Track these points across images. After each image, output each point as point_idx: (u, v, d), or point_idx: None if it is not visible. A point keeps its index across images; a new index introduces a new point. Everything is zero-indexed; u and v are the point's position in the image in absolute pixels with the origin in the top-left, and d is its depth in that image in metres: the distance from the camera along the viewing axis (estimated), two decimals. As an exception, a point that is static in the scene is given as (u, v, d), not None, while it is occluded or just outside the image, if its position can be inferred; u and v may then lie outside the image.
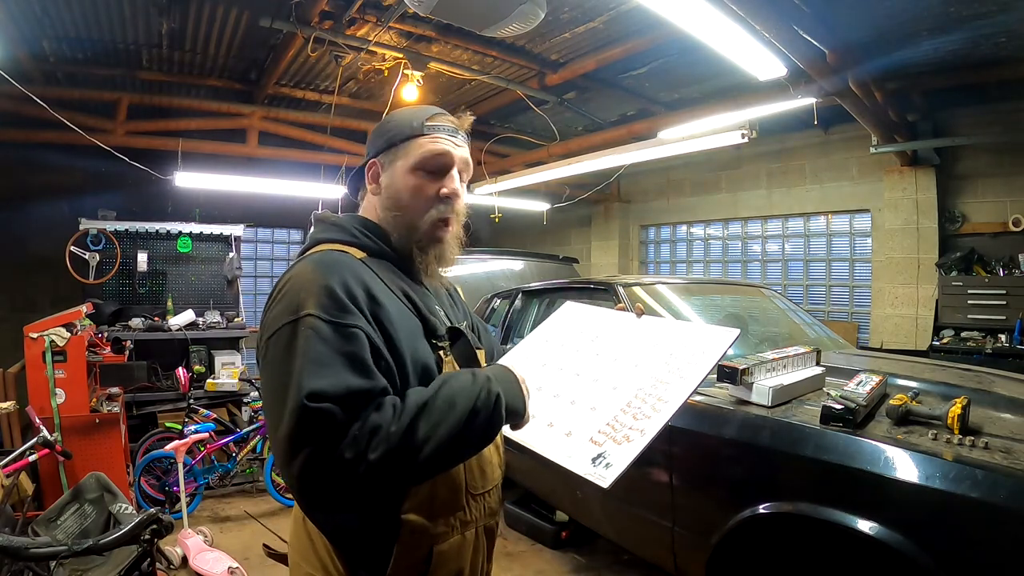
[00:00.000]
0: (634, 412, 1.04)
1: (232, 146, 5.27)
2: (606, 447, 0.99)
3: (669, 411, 1.02)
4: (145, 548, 1.70)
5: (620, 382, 1.14)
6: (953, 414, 1.69)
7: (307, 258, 0.97)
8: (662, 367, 1.14)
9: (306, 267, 0.94)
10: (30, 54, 4.07)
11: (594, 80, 4.70)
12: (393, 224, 1.07)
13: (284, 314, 0.88)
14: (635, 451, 0.96)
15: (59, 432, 3.09)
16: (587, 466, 0.96)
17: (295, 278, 0.93)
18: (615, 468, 0.94)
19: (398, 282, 1.03)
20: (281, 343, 0.86)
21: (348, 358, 0.84)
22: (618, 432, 1.01)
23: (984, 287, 4.47)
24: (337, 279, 0.90)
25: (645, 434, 0.98)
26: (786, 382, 2.07)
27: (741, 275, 6.72)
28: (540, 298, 3.69)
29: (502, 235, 8.31)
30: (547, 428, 1.09)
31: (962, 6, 3.33)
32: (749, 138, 3.48)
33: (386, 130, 1.09)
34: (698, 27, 2.55)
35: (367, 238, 1.05)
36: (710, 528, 1.98)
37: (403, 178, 1.06)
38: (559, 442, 1.04)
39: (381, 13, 3.58)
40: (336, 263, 0.94)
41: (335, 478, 0.80)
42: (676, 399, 1.04)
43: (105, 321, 4.76)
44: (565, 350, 1.32)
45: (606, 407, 1.08)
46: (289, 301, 0.89)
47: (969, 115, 4.70)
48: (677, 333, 1.24)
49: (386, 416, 0.83)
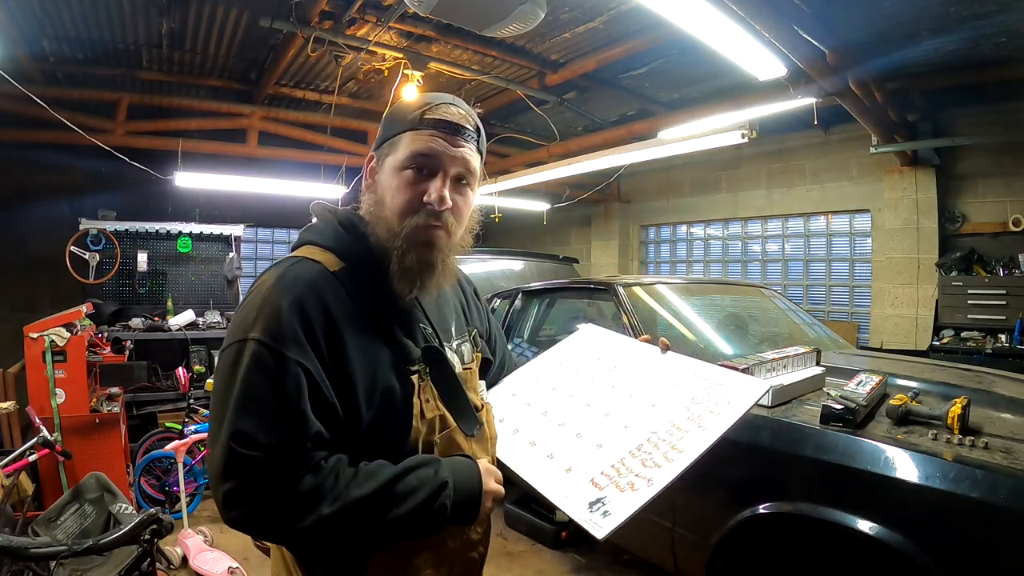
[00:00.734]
0: (643, 457, 0.95)
1: (232, 146, 5.27)
2: (607, 492, 0.89)
3: (683, 463, 0.92)
4: (145, 548, 1.70)
5: (633, 421, 1.04)
6: (953, 414, 1.69)
7: (279, 267, 0.91)
8: (681, 412, 1.03)
9: (268, 280, 0.88)
10: (30, 54, 4.07)
11: (594, 80, 4.70)
12: (374, 226, 0.96)
13: (236, 331, 0.85)
14: (639, 502, 0.86)
15: (59, 432, 3.09)
16: (583, 511, 0.87)
17: (257, 290, 0.88)
18: (613, 518, 0.84)
19: (373, 300, 0.92)
20: (227, 361, 0.84)
21: (284, 399, 0.81)
22: (623, 477, 0.92)
23: (984, 287, 4.47)
24: (293, 302, 0.84)
25: (652, 485, 0.88)
26: (786, 382, 2.07)
27: (741, 275, 6.72)
28: (540, 298, 3.69)
29: (502, 235, 8.31)
30: (546, 459, 1.00)
31: (962, 6, 3.33)
32: (749, 138, 3.48)
33: (388, 121, 0.99)
34: (698, 27, 2.55)
35: (348, 244, 0.96)
36: (710, 528, 1.98)
37: (388, 177, 0.95)
38: (557, 478, 0.96)
39: (381, 13, 3.58)
40: (298, 281, 0.87)
41: (261, 524, 0.81)
42: (692, 450, 0.94)
43: (105, 321, 4.76)
44: (579, 376, 1.22)
45: (614, 447, 0.99)
46: (244, 317, 0.86)
47: (969, 115, 4.70)
48: (703, 377, 1.13)
49: (323, 487, 0.80)
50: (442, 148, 0.92)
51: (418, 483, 0.85)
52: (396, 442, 0.91)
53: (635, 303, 2.77)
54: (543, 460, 1.01)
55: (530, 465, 1.01)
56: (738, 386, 1.08)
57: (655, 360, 1.20)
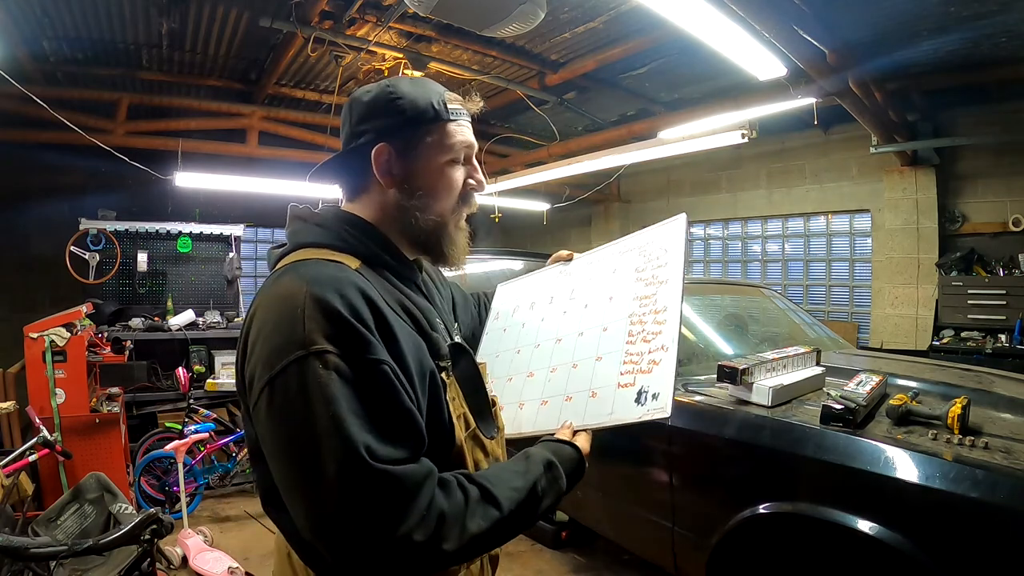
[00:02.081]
0: (643, 336, 0.96)
1: (232, 146, 5.27)
2: (639, 382, 0.91)
3: (674, 316, 0.94)
4: (145, 548, 1.70)
5: (606, 321, 1.06)
6: (953, 414, 1.69)
7: (294, 271, 0.79)
8: (637, 285, 1.05)
9: (297, 285, 0.75)
10: (30, 54, 4.07)
11: (594, 80, 4.70)
12: (415, 222, 0.91)
13: (285, 349, 0.71)
14: (670, 368, 0.88)
15: (59, 432, 3.09)
16: (636, 409, 0.89)
17: (286, 299, 0.75)
18: (664, 395, 0.87)
19: (397, 296, 0.88)
20: (291, 387, 0.70)
21: (386, 407, 0.72)
22: (642, 362, 0.93)
23: (984, 287, 4.47)
24: (343, 300, 0.74)
25: (668, 349, 0.90)
26: (786, 382, 2.07)
27: (741, 275, 6.72)
28: (540, 298, 3.69)
29: (502, 235, 8.32)
30: (566, 403, 1.01)
31: (962, 6, 3.33)
32: (749, 138, 3.48)
33: (396, 107, 0.89)
34: (698, 27, 2.55)
35: (360, 242, 0.89)
36: (710, 528, 1.98)
37: (438, 170, 0.91)
38: (592, 408, 0.96)
39: (381, 13, 3.58)
40: (335, 279, 0.77)
41: (400, 559, 0.68)
42: (672, 303, 0.96)
43: (105, 321, 4.76)
44: (530, 327, 1.23)
45: (611, 350, 1.00)
46: (288, 331, 0.72)
47: (969, 115, 4.70)
48: (627, 250, 1.16)
49: (456, 504, 0.73)
50: (472, 137, 0.95)
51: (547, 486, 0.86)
52: (445, 441, 0.86)
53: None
54: (567, 405, 1.01)
55: (569, 413, 1.00)
56: (663, 234, 1.12)
57: (575, 270, 1.24)
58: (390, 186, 0.90)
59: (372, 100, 0.91)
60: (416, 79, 0.96)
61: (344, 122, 0.95)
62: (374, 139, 0.89)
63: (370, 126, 0.90)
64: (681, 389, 2.31)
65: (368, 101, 0.91)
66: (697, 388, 2.29)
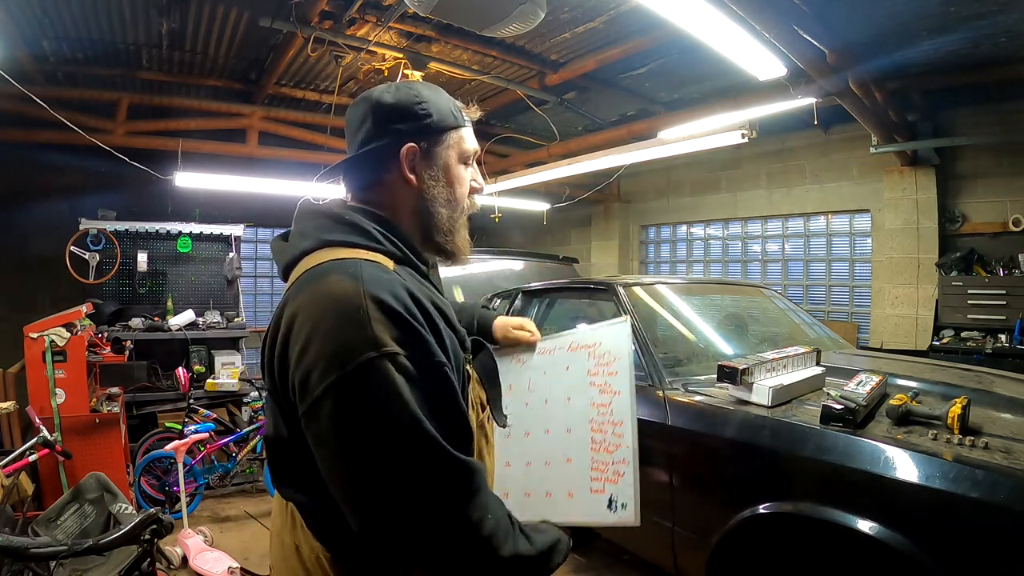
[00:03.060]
0: (605, 447, 1.07)
1: (232, 146, 5.27)
2: (608, 490, 1.03)
3: (630, 430, 1.06)
4: (145, 548, 1.70)
5: (569, 422, 1.15)
6: (953, 414, 1.69)
7: (341, 271, 0.79)
8: (592, 391, 1.15)
9: (350, 285, 0.75)
10: (30, 54, 4.06)
11: (594, 80, 4.69)
12: (434, 220, 0.95)
13: (354, 349, 0.71)
14: (633, 481, 1.00)
15: (59, 432, 3.09)
16: (610, 516, 1.01)
17: (340, 299, 0.74)
18: (631, 505, 0.99)
19: (427, 293, 0.88)
20: (366, 386, 0.71)
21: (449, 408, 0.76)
22: (607, 471, 1.05)
23: (984, 287, 4.47)
24: (401, 303, 0.76)
25: (628, 462, 1.03)
26: (786, 382, 2.07)
27: (741, 275, 6.71)
28: (540, 298, 3.69)
29: (502, 235, 8.31)
30: (547, 499, 1.10)
31: (962, 6, 3.33)
32: (749, 138, 3.48)
33: (421, 111, 0.93)
34: (698, 27, 2.55)
35: (392, 243, 0.89)
36: (710, 528, 1.98)
37: (455, 170, 0.97)
38: (571, 507, 1.07)
39: (381, 13, 3.58)
40: (388, 281, 0.79)
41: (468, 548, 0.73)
42: (627, 416, 1.08)
43: (105, 321, 4.76)
44: None
45: (578, 454, 1.10)
46: (354, 332, 0.72)
47: (969, 115, 4.70)
48: (578, 347, 1.23)
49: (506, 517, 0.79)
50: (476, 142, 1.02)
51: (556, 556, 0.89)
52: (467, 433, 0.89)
53: (635, 303, 2.77)
54: (547, 501, 1.11)
55: (545, 510, 1.08)
56: (610, 336, 1.18)
57: (531, 361, 1.28)
58: (416, 185, 0.94)
59: (398, 103, 0.94)
60: (428, 84, 1.01)
61: (360, 121, 0.95)
62: (400, 140, 0.92)
63: (397, 127, 0.92)
64: (681, 389, 2.31)
65: (394, 103, 0.94)
66: (697, 388, 2.29)
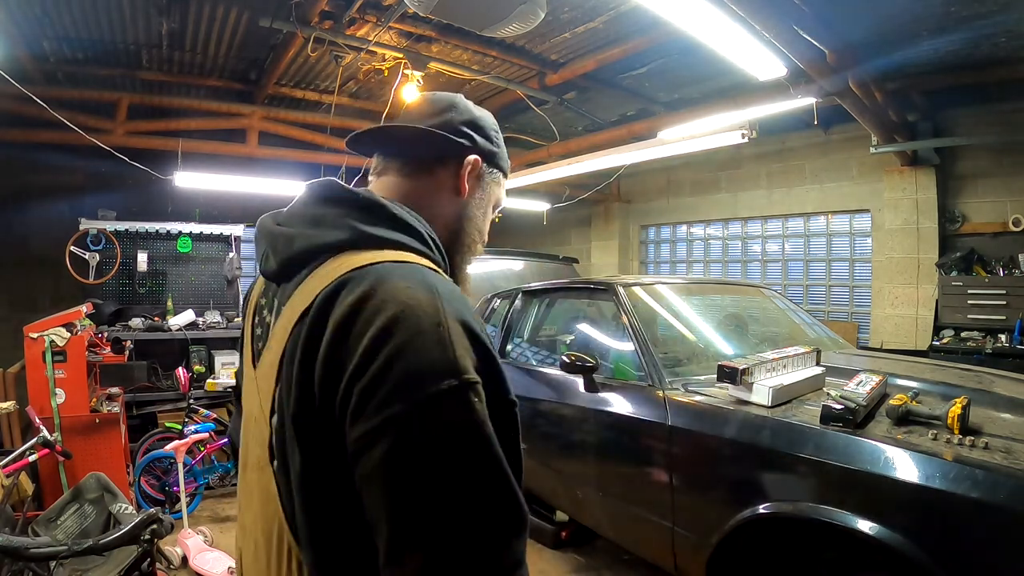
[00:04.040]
0: None
1: (232, 146, 5.26)
2: None
3: None
4: (145, 548, 1.70)
5: None
6: (953, 414, 1.69)
7: (410, 276, 0.69)
8: None
9: (427, 296, 0.66)
10: (30, 54, 4.07)
11: (594, 80, 4.70)
12: (461, 239, 0.94)
13: (435, 374, 0.62)
14: None
15: (59, 432, 3.09)
16: None
17: (417, 311, 0.64)
18: None
19: None
20: (446, 418, 0.62)
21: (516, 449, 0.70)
22: None
23: (984, 287, 4.47)
24: (480, 325, 0.68)
25: None
26: (786, 382, 2.07)
27: (741, 275, 6.72)
28: (540, 298, 3.69)
29: (502, 235, 8.32)
30: None
31: (962, 6, 3.33)
32: (749, 138, 3.48)
33: (496, 138, 0.98)
34: (698, 27, 2.55)
35: (439, 251, 0.84)
36: (710, 528, 1.98)
37: (491, 206, 0.99)
38: None
39: (381, 13, 3.58)
40: (461, 298, 0.71)
41: None
42: None
43: (105, 321, 4.76)
44: None
45: None
46: (435, 353, 0.63)
47: (969, 115, 4.70)
48: None
49: None
50: None
51: None
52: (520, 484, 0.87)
53: (635, 303, 2.77)
54: None
55: None
56: None
57: None
58: (468, 196, 0.94)
59: (483, 119, 0.96)
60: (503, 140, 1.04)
61: (441, 110, 0.94)
62: (472, 146, 0.93)
63: (473, 135, 0.93)
64: (681, 389, 2.31)
65: (480, 117, 0.96)
66: (697, 388, 2.29)
